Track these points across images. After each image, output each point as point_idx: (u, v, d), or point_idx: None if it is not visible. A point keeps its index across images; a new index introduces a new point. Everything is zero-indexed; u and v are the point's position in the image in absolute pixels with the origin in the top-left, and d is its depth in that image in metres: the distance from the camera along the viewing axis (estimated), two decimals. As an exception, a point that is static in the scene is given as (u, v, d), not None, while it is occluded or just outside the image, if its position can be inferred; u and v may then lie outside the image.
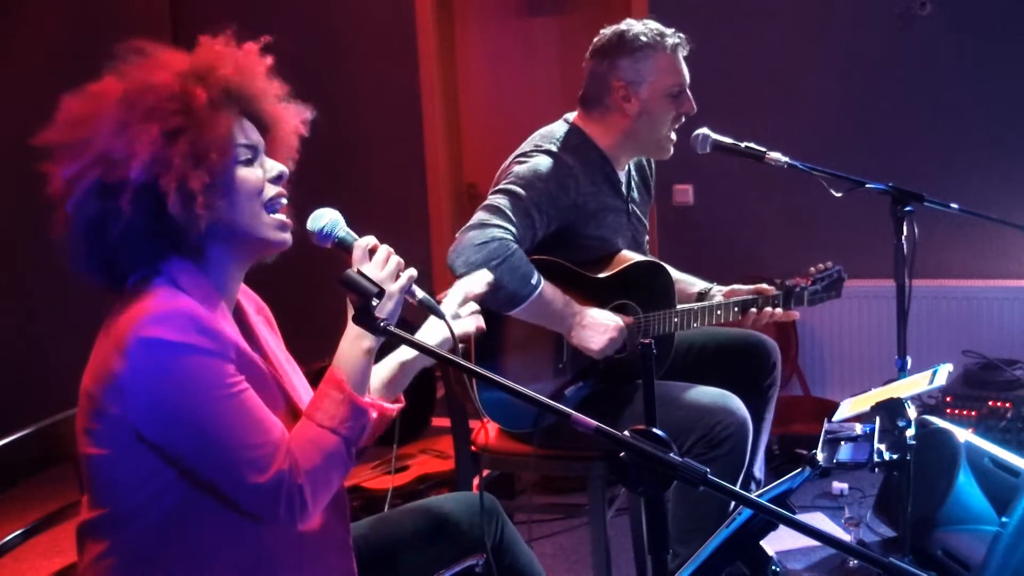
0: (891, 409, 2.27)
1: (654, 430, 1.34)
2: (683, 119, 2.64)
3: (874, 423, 2.29)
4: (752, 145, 2.75)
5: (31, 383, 4.87)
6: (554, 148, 2.52)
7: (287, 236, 1.67)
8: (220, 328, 1.54)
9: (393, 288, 1.68)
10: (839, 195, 2.72)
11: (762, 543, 1.79)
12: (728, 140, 2.74)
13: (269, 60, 1.72)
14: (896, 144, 4.12)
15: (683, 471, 1.31)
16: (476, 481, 2.71)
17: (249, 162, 1.63)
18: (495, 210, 2.36)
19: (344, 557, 1.73)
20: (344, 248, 1.72)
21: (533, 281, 2.33)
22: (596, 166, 2.57)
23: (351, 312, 1.64)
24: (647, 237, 2.80)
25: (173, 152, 1.51)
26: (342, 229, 1.73)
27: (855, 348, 4.22)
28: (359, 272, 1.64)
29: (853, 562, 3.01)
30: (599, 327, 2.42)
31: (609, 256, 2.60)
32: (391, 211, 4.88)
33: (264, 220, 1.63)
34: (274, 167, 1.67)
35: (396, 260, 1.71)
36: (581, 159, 2.53)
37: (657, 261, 2.66)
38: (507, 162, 2.53)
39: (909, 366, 2.71)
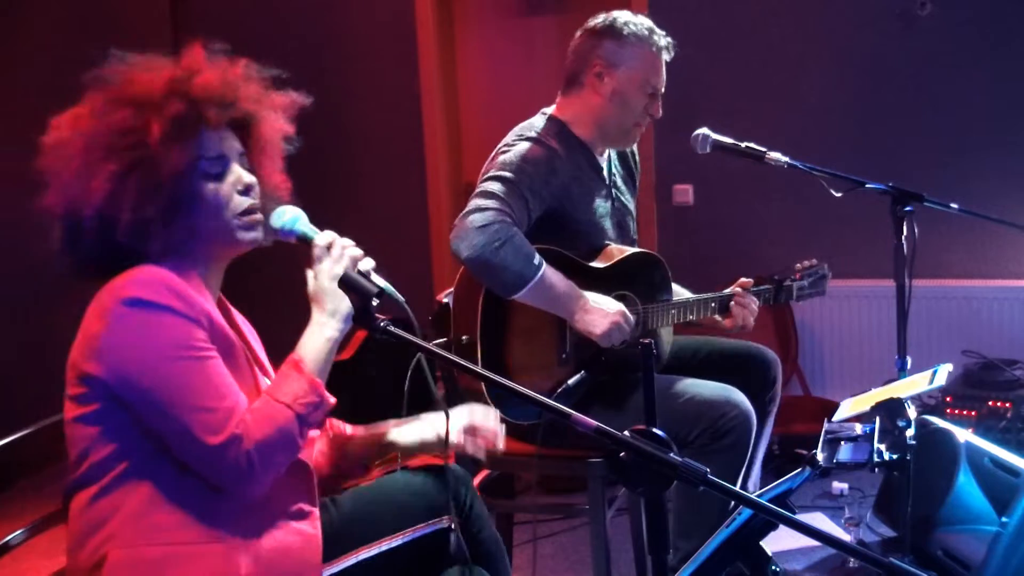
0: (891, 409, 2.27)
1: (654, 430, 1.34)
2: (648, 119, 2.67)
3: (874, 423, 2.29)
4: (752, 145, 2.75)
5: (31, 383, 4.87)
6: (535, 135, 2.56)
7: (255, 234, 1.74)
8: (195, 297, 1.64)
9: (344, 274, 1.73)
10: (839, 195, 2.72)
11: (762, 543, 1.79)
12: (728, 140, 2.75)
13: (240, 65, 1.77)
14: (896, 144, 4.12)
15: (683, 471, 1.31)
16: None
17: (218, 176, 1.71)
18: (490, 195, 2.38)
19: (309, 523, 1.76)
20: (306, 242, 1.77)
21: (536, 262, 2.35)
22: (577, 150, 2.61)
23: (311, 286, 1.73)
24: (634, 226, 2.81)
25: (127, 186, 1.62)
26: (302, 224, 1.78)
27: (855, 348, 4.22)
28: (359, 272, 1.69)
29: (853, 562, 3.01)
30: (603, 312, 2.44)
31: (600, 247, 2.62)
32: (391, 211, 4.88)
33: (230, 225, 1.72)
34: (242, 178, 1.73)
35: (351, 253, 1.74)
36: (562, 144, 2.57)
37: (653, 253, 2.69)
38: (491, 156, 2.56)
39: (909, 366, 2.71)
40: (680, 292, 2.76)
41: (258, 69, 1.79)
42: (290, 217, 1.78)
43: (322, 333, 1.72)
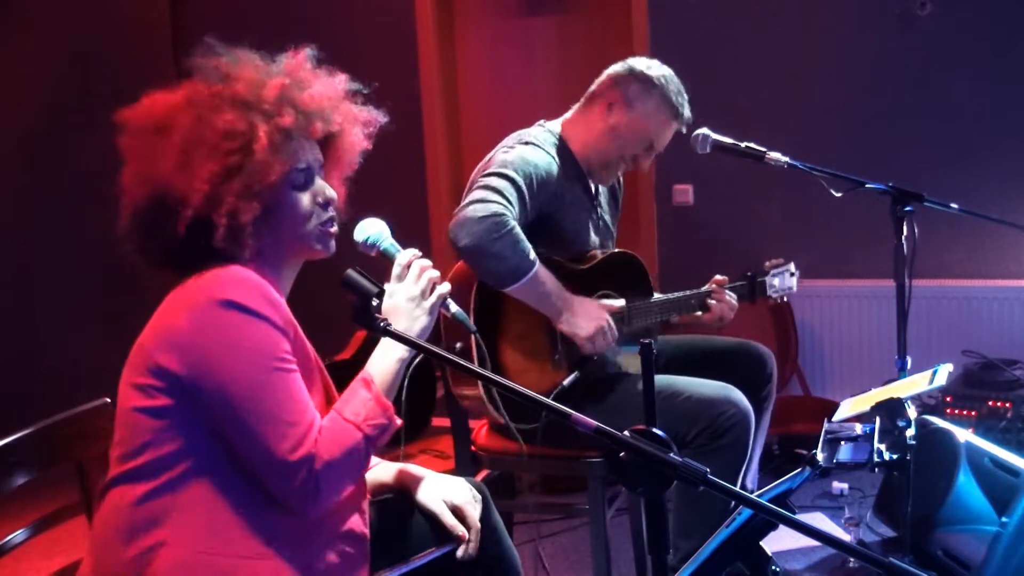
0: (891, 409, 2.27)
1: (654, 430, 1.34)
2: (634, 166, 2.72)
3: (874, 423, 2.29)
4: (752, 145, 2.75)
5: (31, 383, 4.87)
6: (535, 141, 2.60)
7: (331, 246, 1.76)
8: (284, 306, 1.63)
9: (426, 304, 1.77)
10: (839, 195, 2.72)
11: (762, 543, 1.79)
12: (728, 140, 2.75)
13: (341, 79, 1.79)
14: (896, 144, 4.12)
15: (683, 471, 1.31)
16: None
17: (303, 186, 1.70)
18: (492, 189, 2.41)
19: (358, 545, 1.74)
20: (388, 258, 1.81)
21: (531, 257, 2.38)
22: (570, 164, 2.64)
23: (387, 303, 1.74)
24: (613, 247, 2.83)
25: (227, 190, 1.59)
26: (386, 240, 1.82)
27: (855, 348, 4.22)
28: (359, 271, 1.70)
29: (853, 562, 3.01)
30: (588, 316, 2.47)
31: (582, 254, 2.65)
32: (391, 211, 4.86)
33: (311, 236, 1.72)
34: (324, 191, 1.74)
35: (429, 275, 1.78)
36: (559, 155, 2.61)
37: (631, 252, 2.72)
38: (487, 158, 2.58)
39: (909, 366, 2.71)
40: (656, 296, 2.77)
41: (348, 82, 1.81)
42: (375, 232, 1.81)
43: (394, 353, 1.73)
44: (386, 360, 1.73)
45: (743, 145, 2.75)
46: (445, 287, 1.80)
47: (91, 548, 1.65)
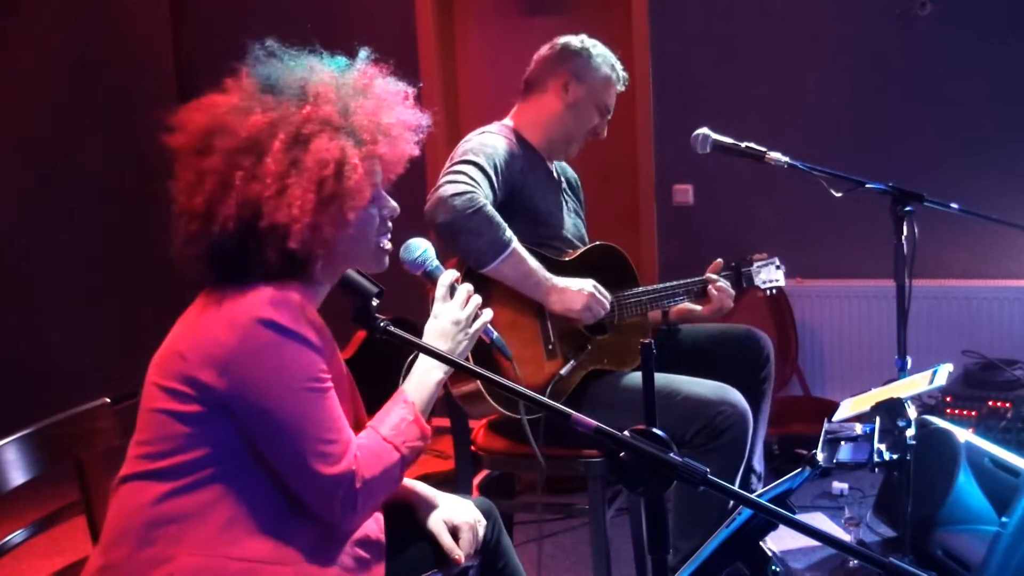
0: (891, 409, 2.27)
1: (654, 430, 1.34)
2: (591, 138, 2.77)
3: (874, 423, 2.29)
4: (752, 145, 2.75)
5: (31, 383, 4.87)
6: (491, 130, 2.67)
7: (385, 262, 1.78)
8: (324, 327, 1.65)
9: (470, 329, 1.84)
10: (839, 195, 2.72)
11: (762, 543, 1.79)
12: (728, 140, 2.75)
13: (410, 94, 1.79)
14: (896, 144, 4.12)
15: (683, 471, 1.31)
16: (476, 481, 2.71)
17: (373, 201, 1.71)
18: (459, 172, 2.47)
19: (374, 550, 1.74)
20: (431, 280, 1.86)
21: (508, 234, 2.43)
22: (529, 151, 2.70)
23: (431, 324, 1.81)
24: (587, 233, 2.86)
25: (325, 218, 1.60)
26: (432, 262, 1.88)
27: (855, 348, 4.22)
28: (358, 271, 1.71)
29: (853, 562, 3.01)
30: (575, 289, 2.50)
31: (559, 236, 2.69)
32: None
33: (371, 251, 1.74)
34: (388, 205, 1.76)
35: (476, 301, 1.84)
36: (516, 141, 2.67)
37: (612, 244, 2.75)
38: (451, 156, 2.60)
39: (909, 366, 2.71)
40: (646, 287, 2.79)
41: (404, 85, 1.79)
42: (423, 251, 1.88)
43: (433, 375, 1.78)
44: (424, 382, 1.78)
45: (743, 145, 2.75)
46: (488, 314, 1.86)
47: (103, 543, 1.64)
